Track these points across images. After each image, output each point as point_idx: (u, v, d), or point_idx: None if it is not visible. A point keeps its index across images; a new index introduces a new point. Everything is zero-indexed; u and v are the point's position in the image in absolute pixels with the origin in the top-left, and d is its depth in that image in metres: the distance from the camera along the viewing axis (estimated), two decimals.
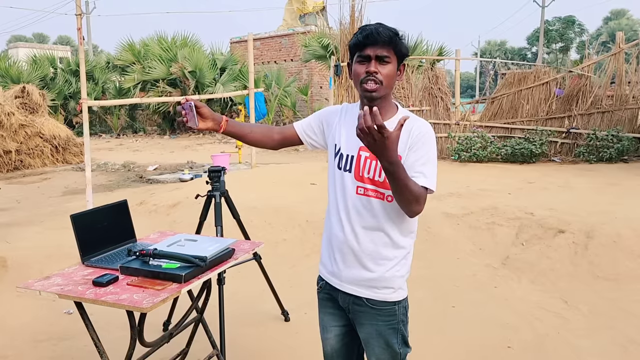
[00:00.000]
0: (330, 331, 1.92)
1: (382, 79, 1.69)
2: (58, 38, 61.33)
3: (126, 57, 21.38)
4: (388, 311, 1.79)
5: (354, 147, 1.76)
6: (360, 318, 1.82)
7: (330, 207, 1.86)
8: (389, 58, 1.68)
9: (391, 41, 1.67)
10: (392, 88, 1.75)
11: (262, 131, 1.98)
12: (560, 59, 30.98)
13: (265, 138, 1.96)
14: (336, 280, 1.84)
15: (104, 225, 2.50)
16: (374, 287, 1.78)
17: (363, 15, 9.72)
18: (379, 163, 1.67)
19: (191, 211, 5.53)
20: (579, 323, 3.49)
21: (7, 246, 4.93)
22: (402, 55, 1.72)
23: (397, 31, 1.70)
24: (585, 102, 9.50)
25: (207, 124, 1.84)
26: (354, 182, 1.76)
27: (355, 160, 1.75)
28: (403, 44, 1.70)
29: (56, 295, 2.02)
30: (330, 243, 1.85)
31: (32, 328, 3.46)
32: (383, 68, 1.69)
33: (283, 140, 1.97)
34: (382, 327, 1.79)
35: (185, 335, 2.88)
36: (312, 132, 1.93)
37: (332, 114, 1.90)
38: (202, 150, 15.16)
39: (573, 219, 4.75)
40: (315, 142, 1.95)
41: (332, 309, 1.91)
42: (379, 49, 1.67)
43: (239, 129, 1.93)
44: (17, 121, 11.90)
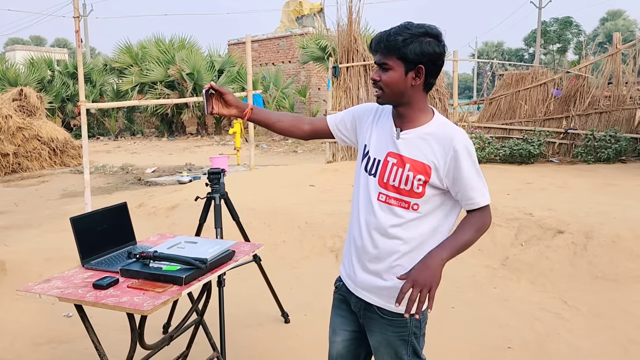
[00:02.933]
0: (339, 334, 1.89)
1: (382, 87, 1.66)
2: (55, 41, 61.26)
3: (124, 59, 21.37)
4: (399, 322, 1.73)
5: (382, 151, 1.72)
6: (371, 325, 1.78)
7: (353, 208, 1.83)
8: (387, 65, 1.63)
9: (389, 49, 1.61)
10: (401, 95, 1.65)
11: (290, 121, 1.94)
12: (558, 59, 31.06)
13: (293, 128, 1.93)
14: (351, 283, 1.81)
15: (103, 228, 2.49)
16: (386, 296, 1.72)
17: (360, 16, 9.73)
18: (405, 170, 1.65)
19: (190, 213, 5.53)
20: (579, 323, 3.49)
21: (6, 249, 4.92)
22: (413, 60, 1.60)
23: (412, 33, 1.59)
24: (583, 102, 9.52)
25: (231, 111, 1.85)
26: (377, 188, 1.71)
27: (381, 165, 1.70)
28: (412, 49, 1.58)
29: (56, 299, 2.01)
30: (350, 245, 1.83)
31: (31, 331, 3.45)
32: (384, 75, 1.65)
33: (313, 131, 1.94)
34: (391, 337, 1.75)
35: (185, 338, 2.87)
36: (344, 128, 1.89)
37: (367, 113, 1.85)
38: (200, 153, 15.16)
39: (572, 220, 4.76)
40: (346, 137, 1.91)
41: (345, 311, 1.87)
42: (379, 55, 1.66)
43: (265, 117, 1.91)
44: (15, 124, 11.89)
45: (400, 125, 1.70)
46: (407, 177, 1.64)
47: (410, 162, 1.65)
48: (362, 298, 1.78)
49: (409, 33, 1.59)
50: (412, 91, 1.65)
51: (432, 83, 1.68)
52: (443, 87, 10.15)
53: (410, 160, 1.65)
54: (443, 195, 1.68)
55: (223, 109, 1.85)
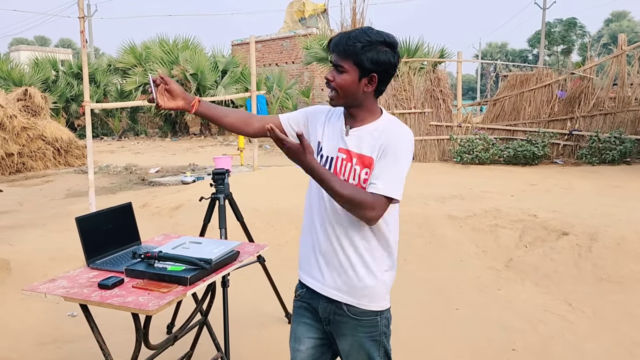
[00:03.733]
0: (304, 343, 1.85)
1: (336, 87, 1.67)
2: (59, 41, 61.50)
3: (128, 59, 21.42)
4: (370, 322, 1.74)
5: (333, 148, 1.75)
6: (341, 329, 1.77)
7: (307, 207, 1.83)
8: (342, 68, 1.64)
9: (346, 52, 1.63)
10: (353, 98, 1.68)
11: (238, 116, 1.92)
12: (562, 61, 30.98)
13: (241, 123, 1.90)
14: (318, 284, 1.79)
15: (108, 228, 2.50)
16: (357, 294, 1.73)
17: (364, 17, 9.74)
18: (353, 164, 1.68)
19: (194, 213, 5.54)
20: (584, 326, 3.48)
21: (10, 249, 4.94)
22: (368, 67, 1.62)
23: (371, 40, 1.61)
24: (588, 104, 9.49)
25: (177, 103, 1.80)
26: None
27: (333, 163, 1.73)
28: (369, 57, 1.61)
29: (60, 298, 2.01)
30: (311, 246, 1.80)
31: (36, 331, 3.46)
32: (338, 77, 1.66)
33: (263, 128, 1.87)
34: (363, 338, 1.74)
35: (189, 338, 2.87)
36: (296, 126, 1.88)
37: (319, 113, 1.87)
38: (203, 153, 15.18)
39: (576, 221, 4.75)
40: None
41: (309, 319, 1.84)
42: (335, 56, 1.67)
43: (213, 112, 1.88)
44: (20, 124, 11.93)
45: (350, 123, 1.74)
46: (355, 170, 1.67)
47: (356, 157, 1.68)
48: (332, 298, 1.75)
49: (368, 40, 1.61)
50: (364, 96, 1.69)
51: (382, 90, 1.72)
52: (447, 88, 10.15)
53: (356, 154, 1.69)
54: None
55: (169, 102, 1.79)
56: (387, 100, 9.85)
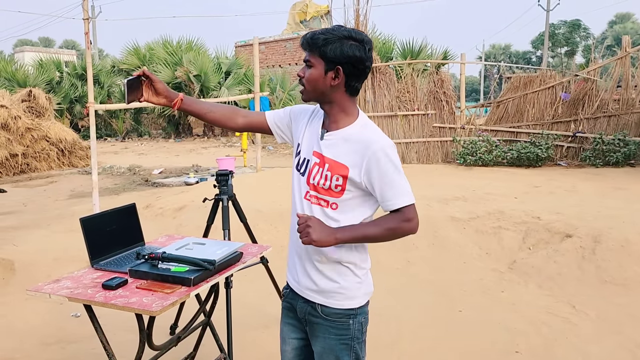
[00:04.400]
0: (289, 343, 1.87)
1: (304, 83, 1.69)
2: (64, 42, 61.68)
3: (132, 61, 21.50)
4: (341, 324, 1.73)
5: (309, 151, 1.75)
6: (315, 330, 1.77)
7: (294, 206, 1.83)
8: (310, 62, 1.66)
9: (311, 46, 1.65)
10: (322, 93, 1.68)
11: (223, 112, 1.93)
12: (566, 62, 30.93)
13: (225, 119, 1.92)
14: (296, 284, 1.81)
15: (112, 229, 2.50)
16: (326, 293, 1.73)
17: (368, 19, 9.74)
18: (324, 169, 1.67)
19: (197, 214, 5.55)
20: (587, 328, 3.47)
21: (14, 249, 4.96)
22: (331, 59, 1.62)
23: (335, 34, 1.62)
24: (592, 106, 9.46)
25: (160, 100, 1.84)
26: (304, 187, 1.74)
27: (309, 165, 1.73)
28: (331, 47, 1.61)
29: (64, 299, 2.02)
30: (293, 246, 1.83)
31: (40, 331, 3.47)
32: (307, 71, 1.68)
33: (248, 124, 1.94)
34: (333, 341, 1.74)
35: (192, 339, 2.88)
36: (281, 125, 1.90)
37: (303, 113, 1.86)
38: (207, 154, 15.20)
39: (580, 224, 4.74)
40: (283, 134, 1.91)
41: (292, 319, 1.86)
42: (306, 53, 1.68)
43: (196, 108, 1.90)
44: (24, 125, 11.97)
45: (327, 126, 1.73)
46: (326, 176, 1.67)
47: (329, 162, 1.68)
48: (307, 299, 1.77)
49: (332, 34, 1.62)
50: (333, 91, 1.67)
51: (356, 87, 1.69)
52: (450, 89, 10.14)
53: (329, 160, 1.68)
54: (363, 196, 1.69)
55: (152, 97, 1.83)
56: (391, 102, 9.85)
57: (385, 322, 3.61)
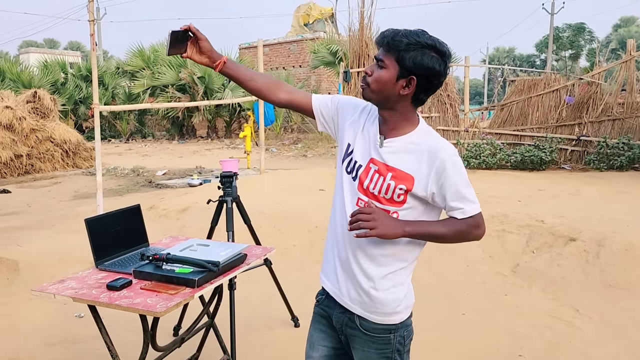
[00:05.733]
0: (317, 350, 1.82)
1: (370, 82, 1.60)
2: (68, 43, 61.88)
3: (136, 62, 21.55)
4: (382, 339, 1.68)
5: (365, 156, 1.66)
6: (353, 342, 1.73)
7: (335, 209, 1.76)
8: (383, 63, 1.57)
9: (390, 47, 1.55)
10: (386, 98, 1.60)
11: (265, 82, 1.81)
12: (570, 66, 30.88)
13: (266, 91, 1.81)
14: (335, 290, 1.74)
15: (117, 230, 2.52)
16: (370, 305, 1.68)
17: (372, 21, 9.76)
18: (387, 179, 1.60)
19: (201, 216, 5.56)
20: (591, 332, 3.46)
21: (19, 250, 4.97)
22: (408, 67, 1.53)
23: (419, 41, 1.53)
24: (596, 109, 9.45)
25: (202, 59, 1.76)
26: (356, 193, 1.66)
27: (362, 170, 1.65)
28: (412, 56, 1.52)
29: (69, 299, 2.03)
30: (333, 249, 1.76)
31: (44, 331, 3.48)
32: (377, 71, 1.59)
33: (290, 102, 1.82)
34: (374, 354, 1.69)
35: (196, 340, 2.89)
36: (326, 114, 1.80)
37: (352, 108, 1.77)
38: (210, 156, 15.22)
39: (584, 227, 4.72)
40: (326, 124, 1.82)
41: (325, 327, 1.81)
42: (380, 50, 1.59)
43: (238, 73, 1.80)
44: (29, 126, 12.02)
45: (384, 132, 1.65)
46: (389, 185, 1.60)
47: (392, 171, 1.61)
48: (346, 308, 1.71)
49: (416, 40, 1.53)
50: (398, 99, 1.59)
51: (422, 99, 1.62)
52: (454, 92, 10.14)
53: (392, 169, 1.61)
54: (423, 205, 1.64)
55: (195, 55, 1.76)
56: None
57: None
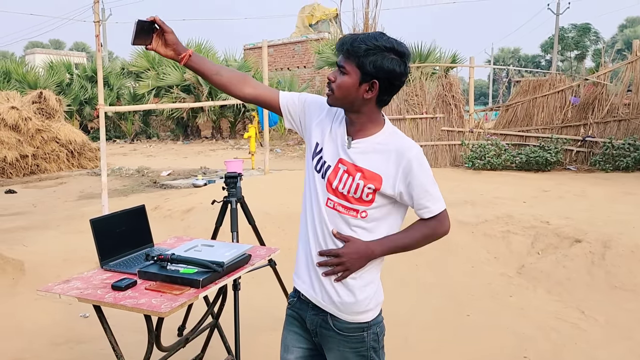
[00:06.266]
0: (292, 352, 1.81)
1: (334, 88, 1.61)
2: (74, 44, 62.11)
3: (141, 63, 21.62)
4: (356, 338, 1.69)
5: (333, 157, 1.68)
6: (328, 342, 1.73)
7: (305, 208, 1.78)
8: (345, 69, 1.59)
9: (350, 54, 1.57)
10: (350, 102, 1.62)
11: (231, 76, 1.81)
12: (575, 66, 30.77)
13: (231, 85, 1.81)
14: (309, 289, 1.74)
15: (122, 230, 2.52)
16: (337, 306, 1.68)
17: (377, 22, 9.76)
18: (356, 179, 1.62)
19: (205, 217, 5.57)
20: (596, 334, 3.45)
21: (24, 250, 4.99)
22: (369, 72, 1.56)
23: (377, 45, 1.55)
24: (601, 110, 9.41)
25: (167, 52, 1.76)
26: (325, 194, 1.68)
27: (331, 171, 1.67)
28: (372, 59, 1.54)
29: (74, 299, 2.04)
30: (305, 250, 1.76)
31: (49, 331, 3.49)
32: (339, 77, 1.60)
33: (256, 98, 1.82)
34: (349, 354, 1.70)
35: (200, 340, 2.89)
36: (293, 112, 1.81)
37: (319, 108, 1.77)
38: (215, 156, 15.25)
39: (590, 229, 4.70)
40: (293, 122, 1.83)
41: (298, 329, 1.80)
42: (341, 57, 1.61)
43: (204, 67, 1.79)
44: (34, 126, 12.08)
45: (351, 133, 1.67)
46: (357, 185, 1.62)
47: (361, 171, 1.63)
48: (318, 306, 1.72)
49: (374, 44, 1.55)
50: (363, 102, 1.62)
51: (386, 100, 1.65)
52: (459, 93, 10.12)
53: (361, 169, 1.63)
54: (391, 204, 1.67)
55: (160, 48, 1.75)
56: (399, 105, 9.85)
57: (392, 326, 3.58)
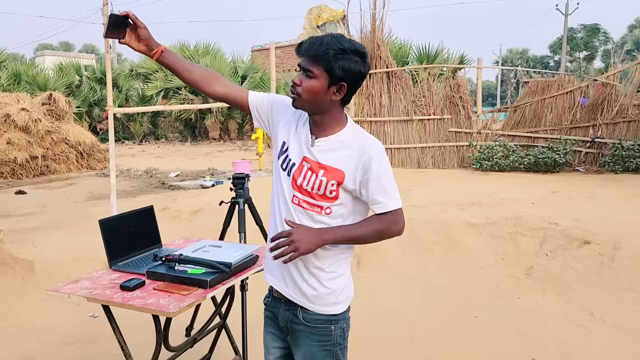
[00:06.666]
0: (272, 353, 1.86)
1: (300, 92, 1.63)
2: (83, 46, 62.62)
3: (149, 65, 21.73)
4: (323, 330, 1.73)
5: (298, 155, 1.72)
6: (297, 338, 1.76)
7: (273, 206, 1.80)
8: (312, 73, 1.60)
9: (317, 57, 1.59)
10: (318, 105, 1.65)
11: (201, 74, 1.86)
12: (584, 67, 30.58)
13: (202, 83, 1.84)
14: (282, 285, 1.77)
15: (130, 231, 2.54)
16: (312, 297, 1.72)
17: (384, 23, 9.74)
18: (319, 175, 1.66)
19: (213, 217, 5.58)
20: (606, 336, 3.42)
21: (34, 250, 5.03)
22: (338, 75, 1.59)
23: (343, 48, 1.58)
24: (611, 111, 9.34)
25: (140, 47, 1.80)
26: (291, 191, 1.72)
27: (295, 168, 1.71)
28: (340, 63, 1.58)
29: (83, 299, 2.06)
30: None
31: (58, 331, 3.52)
32: (306, 81, 1.62)
33: (225, 95, 1.86)
34: (315, 347, 1.73)
35: (208, 341, 2.90)
36: (261, 111, 1.84)
37: (285, 109, 1.80)
38: (222, 157, 15.29)
39: (599, 230, 4.67)
40: (261, 121, 1.87)
41: (274, 329, 1.85)
42: (305, 61, 1.63)
43: (175, 63, 1.83)
44: (44, 127, 12.17)
45: (315, 132, 1.71)
46: (321, 182, 1.66)
47: (324, 168, 1.67)
48: (288, 305, 1.76)
49: (340, 48, 1.58)
50: (330, 104, 1.66)
51: (348, 100, 1.69)
52: (467, 94, 10.08)
53: (324, 166, 1.67)
54: (353, 201, 1.70)
55: (133, 42, 1.79)
56: (407, 106, 9.83)
57: (400, 326, 3.60)
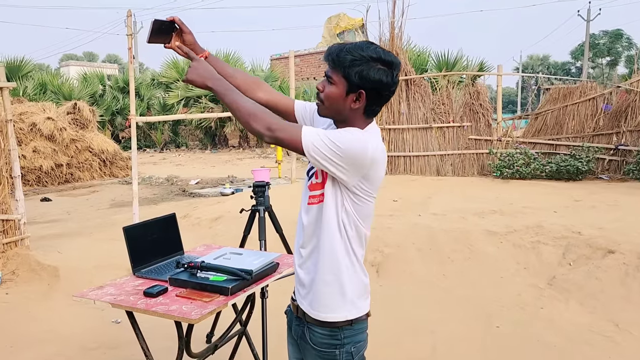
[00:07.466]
0: None
1: (323, 98, 1.62)
2: (106, 56, 63.79)
3: (170, 74, 22.05)
4: (328, 354, 1.66)
5: None
6: (306, 357, 1.74)
7: (299, 214, 1.84)
8: (332, 79, 1.58)
9: (335, 64, 1.57)
10: (339, 112, 1.62)
11: (245, 80, 1.86)
12: (607, 73, 30.10)
13: (245, 88, 1.83)
14: (297, 294, 1.78)
15: (153, 238, 2.58)
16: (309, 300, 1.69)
17: (403, 32, 9.75)
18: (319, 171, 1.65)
19: (233, 225, 5.63)
20: (631, 348, 3.35)
21: (59, 256, 5.13)
22: (355, 82, 1.55)
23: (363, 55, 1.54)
24: (635, 118, 9.17)
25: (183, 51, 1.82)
26: (307, 192, 1.73)
27: (312, 172, 1.71)
28: (357, 69, 1.53)
29: (107, 305, 2.10)
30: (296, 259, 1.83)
31: (82, 336, 3.58)
32: (327, 87, 1.60)
33: (268, 102, 1.83)
34: None
35: (229, 348, 2.92)
36: (307, 120, 1.84)
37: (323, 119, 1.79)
38: (242, 165, 15.40)
39: (623, 239, 4.58)
40: None
41: (292, 339, 1.82)
42: (328, 67, 1.61)
43: (219, 69, 1.82)
44: (69, 136, 12.43)
45: None
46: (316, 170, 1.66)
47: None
48: (300, 320, 1.74)
49: (360, 54, 1.54)
50: (351, 112, 1.61)
51: (375, 110, 1.63)
52: (486, 101, 10.01)
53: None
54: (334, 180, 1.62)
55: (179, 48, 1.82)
56: (425, 114, 9.80)
57: (420, 336, 3.57)
